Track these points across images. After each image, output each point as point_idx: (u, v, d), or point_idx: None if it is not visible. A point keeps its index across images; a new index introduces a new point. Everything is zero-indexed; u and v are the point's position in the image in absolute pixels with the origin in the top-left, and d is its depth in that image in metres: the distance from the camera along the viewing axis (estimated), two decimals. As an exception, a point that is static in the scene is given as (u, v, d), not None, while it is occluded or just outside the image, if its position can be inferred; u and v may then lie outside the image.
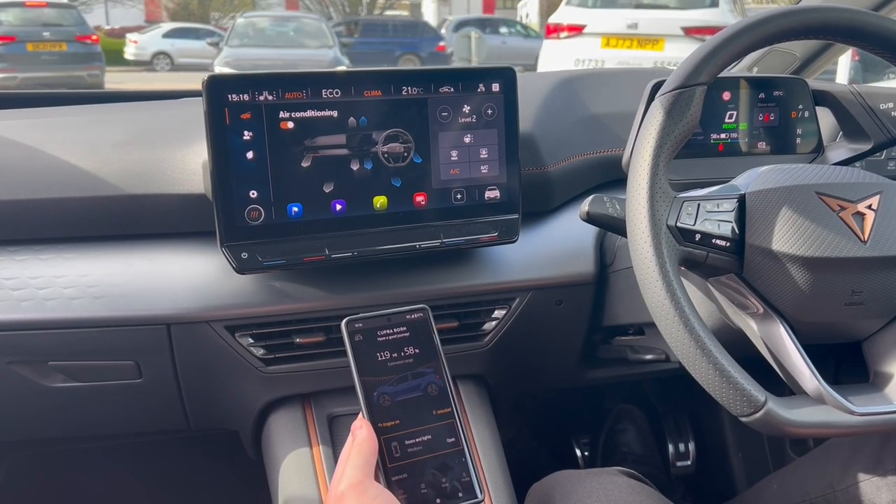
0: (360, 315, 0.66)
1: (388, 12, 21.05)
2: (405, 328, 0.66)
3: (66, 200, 0.98)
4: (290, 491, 0.98)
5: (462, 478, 0.63)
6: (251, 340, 0.98)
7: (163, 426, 1.12)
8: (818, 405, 0.73)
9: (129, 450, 1.53)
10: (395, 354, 0.65)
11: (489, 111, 0.98)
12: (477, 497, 0.64)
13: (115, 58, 14.63)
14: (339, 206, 0.93)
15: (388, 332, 0.66)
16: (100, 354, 0.97)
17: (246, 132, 0.87)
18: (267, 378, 1.00)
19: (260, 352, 0.98)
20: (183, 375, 1.00)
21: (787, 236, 0.76)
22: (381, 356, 0.65)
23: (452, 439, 0.65)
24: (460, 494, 0.63)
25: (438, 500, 0.62)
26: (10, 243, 0.98)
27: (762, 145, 1.12)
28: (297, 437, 1.02)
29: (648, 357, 1.15)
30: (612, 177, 1.19)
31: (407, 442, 0.63)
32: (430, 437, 0.64)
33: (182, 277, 0.97)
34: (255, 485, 1.17)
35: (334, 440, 1.02)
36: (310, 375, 1.02)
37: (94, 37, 10.68)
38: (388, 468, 0.62)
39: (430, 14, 22.23)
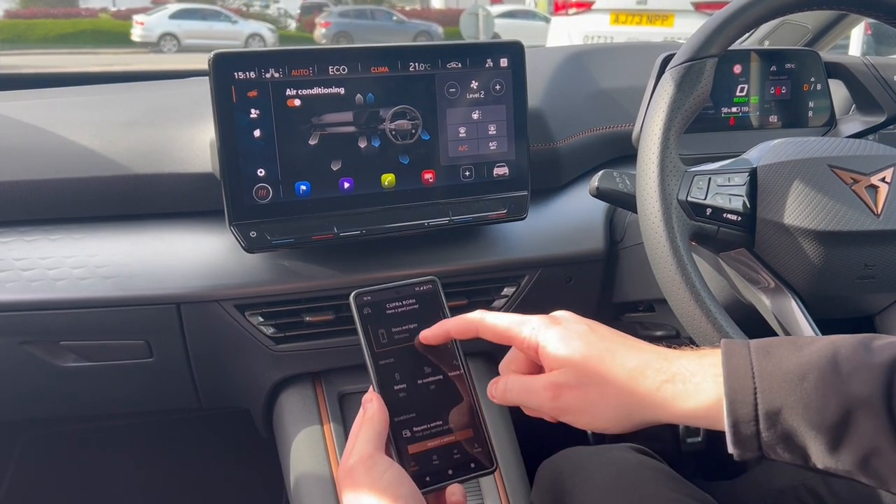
0: (369, 288, 0.65)
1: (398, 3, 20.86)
2: (414, 300, 0.66)
3: (75, 181, 0.98)
4: (301, 468, 0.98)
5: (475, 448, 0.63)
6: (261, 319, 0.98)
7: (174, 405, 1.13)
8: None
9: (141, 429, 1.55)
10: (404, 327, 0.65)
11: (497, 87, 0.97)
12: (490, 468, 0.64)
13: (122, 39, 14.62)
14: (347, 184, 0.93)
15: (397, 304, 0.66)
16: (110, 334, 0.97)
17: (253, 110, 0.87)
18: (277, 356, 1.00)
19: (270, 330, 0.99)
20: (193, 354, 1.00)
21: (799, 210, 0.75)
22: (391, 329, 0.65)
23: (464, 411, 0.65)
24: (472, 465, 0.63)
25: (450, 472, 0.62)
26: (20, 224, 0.98)
27: (774, 119, 1.11)
28: (308, 415, 1.02)
29: (659, 333, 1.15)
30: (622, 152, 1.18)
31: (418, 415, 0.63)
32: (441, 409, 0.64)
33: (191, 257, 0.97)
34: (267, 463, 1.18)
35: (345, 418, 1.03)
36: (320, 354, 1.02)
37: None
38: (399, 440, 0.62)
39: (438, 4, 22.03)
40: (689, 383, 0.55)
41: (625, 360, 0.57)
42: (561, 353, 0.58)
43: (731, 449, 0.53)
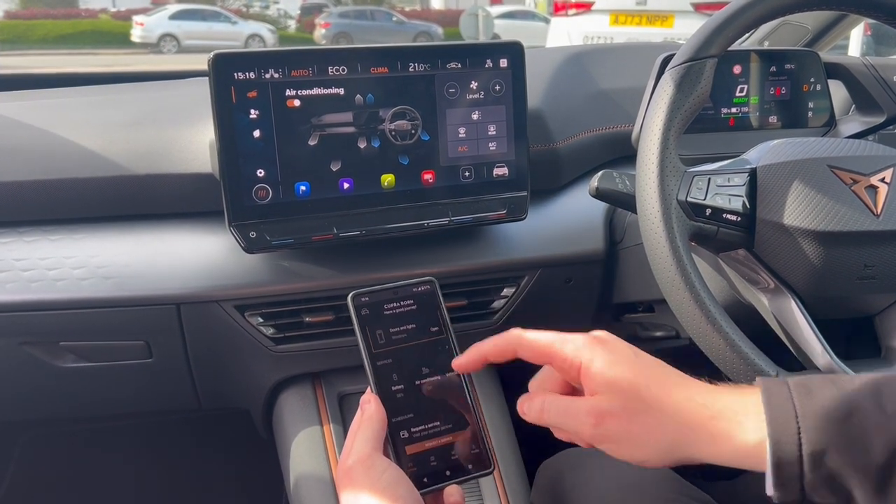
0: (367, 289, 0.65)
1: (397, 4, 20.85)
2: (412, 301, 0.66)
3: (74, 181, 0.98)
4: (300, 469, 0.98)
5: (472, 450, 0.63)
6: (261, 320, 0.98)
7: (174, 406, 1.13)
8: (829, 380, 0.73)
9: (141, 429, 1.55)
10: (402, 327, 0.65)
11: (497, 87, 0.97)
12: (488, 469, 0.64)
13: (122, 40, 14.63)
14: (346, 185, 0.93)
15: (394, 305, 0.66)
16: (110, 334, 0.97)
17: (252, 110, 0.87)
18: (277, 357, 1.00)
19: (270, 331, 0.99)
20: (193, 355, 1.00)
21: (798, 210, 0.75)
22: (389, 329, 0.65)
23: (462, 411, 0.65)
24: (470, 466, 0.63)
25: (448, 473, 0.62)
26: (19, 224, 0.98)
27: (773, 119, 1.11)
28: (308, 415, 1.02)
29: (658, 334, 1.15)
30: (622, 153, 1.18)
31: (416, 415, 0.63)
32: (439, 410, 0.64)
33: (191, 257, 0.97)
34: (266, 463, 1.18)
35: (345, 418, 1.03)
36: (319, 354, 1.02)
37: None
38: (397, 441, 0.62)
39: (437, 4, 22.03)
40: (733, 422, 0.53)
41: (673, 391, 0.55)
42: (607, 376, 0.56)
43: (770, 491, 0.51)
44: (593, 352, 0.57)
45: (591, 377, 0.57)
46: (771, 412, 0.52)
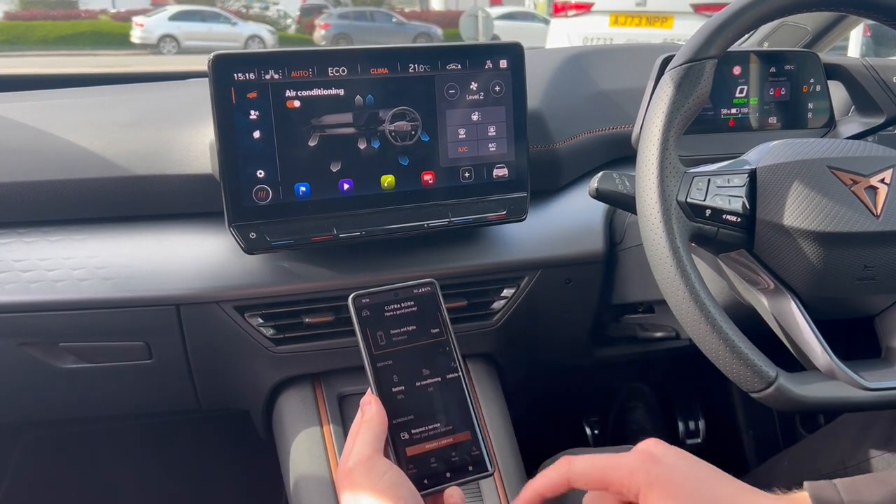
0: (367, 290, 0.65)
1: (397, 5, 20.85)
2: (413, 302, 0.66)
3: (74, 182, 0.98)
4: (301, 470, 0.98)
5: (472, 451, 0.63)
6: (261, 320, 0.98)
7: (174, 406, 1.13)
8: (829, 381, 0.73)
9: (141, 430, 1.55)
10: (403, 329, 0.65)
11: (497, 88, 0.97)
12: (487, 470, 0.64)
13: (122, 41, 14.63)
14: (346, 186, 0.93)
15: (395, 306, 0.66)
16: (110, 335, 0.97)
17: (252, 111, 0.87)
18: (277, 358, 1.00)
19: (269, 332, 0.99)
20: (193, 356, 1.00)
21: (798, 211, 0.75)
22: (389, 331, 0.65)
23: (462, 413, 0.65)
24: (470, 468, 0.63)
25: (448, 475, 0.62)
26: (19, 225, 0.98)
27: (773, 120, 1.11)
28: (308, 416, 1.02)
29: (658, 335, 1.15)
30: (622, 154, 1.18)
31: (416, 417, 0.63)
32: (440, 411, 0.64)
33: (191, 258, 0.97)
34: (267, 464, 1.18)
35: (345, 419, 1.03)
36: (319, 355, 1.02)
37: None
38: (398, 443, 0.62)
39: (437, 5, 22.04)
40: None
41: None
42: None
43: None
44: (649, 476, 0.55)
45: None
46: None
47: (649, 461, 0.56)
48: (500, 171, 0.99)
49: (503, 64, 0.96)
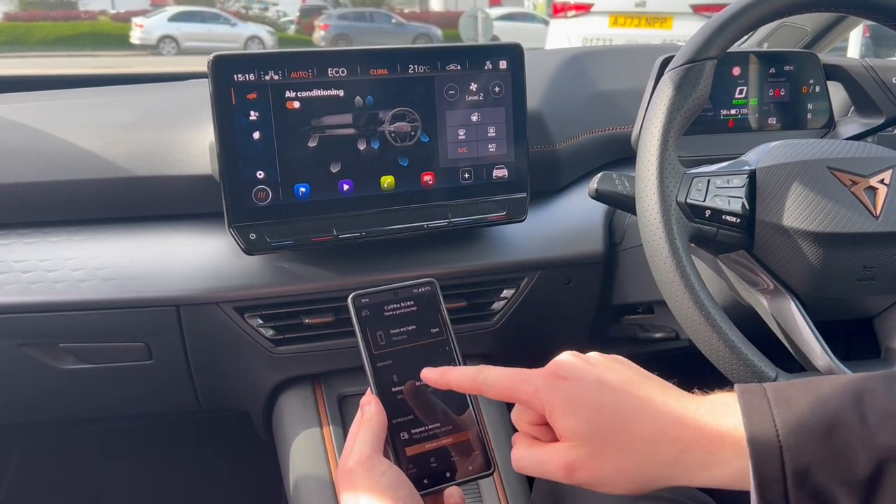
0: (367, 290, 0.65)
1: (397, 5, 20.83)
2: (412, 302, 0.66)
3: (74, 183, 0.98)
4: (300, 471, 0.98)
5: (472, 451, 0.63)
6: (260, 321, 0.98)
7: (174, 407, 1.13)
8: (829, 381, 0.73)
9: (141, 431, 1.55)
10: (402, 329, 0.65)
11: (496, 89, 0.97)
12: (487, 470, 0.64)
13: (121, 42, 14.63)
14: (346, 186, 0.93)
15: (395, 306, 0.66)
16: (110, 336, 0.97)
17: (252, 112, 0.87)
18: (277, 359, 1.00)
19: (269, 332, 0.99)
20: (193, 357, 1.00)
21: (797, 211, 0.76)
22: (389, 331, 0.65)
23: (462, 413, 0.65)
24: (470, 468, 0.63)
25: (448, 474, 0.62)
26: (19, 226, 0.98)
27: (772, 121, 1.11)
28: (308, 417, 1.02)
29: (658, 335, 1.15)
30: (621, 154, 1.18)
31: (416, 417, 0.63)
32: (439, 411, 0.64)
33: (191, 259, 0.97)
34: (267, 465, 1.18)
35: (345, 420, 1.03)
36: (319, 356, 1.02)
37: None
38: (397, 443, 0.62)
39: (436, 6, 22.04)
40: (707, 451, 0.52)
41: (639, 430, 0.54)
42: (569, 425, 0.54)
43: None
44: (552, 394, 0.55)
45: (553, 423, 0.55)
46: (751, 431, 0.50)
47: (553, 378, 0.56)
48: (500, 172, 0.99)
49: (503, 65, 0.97)
